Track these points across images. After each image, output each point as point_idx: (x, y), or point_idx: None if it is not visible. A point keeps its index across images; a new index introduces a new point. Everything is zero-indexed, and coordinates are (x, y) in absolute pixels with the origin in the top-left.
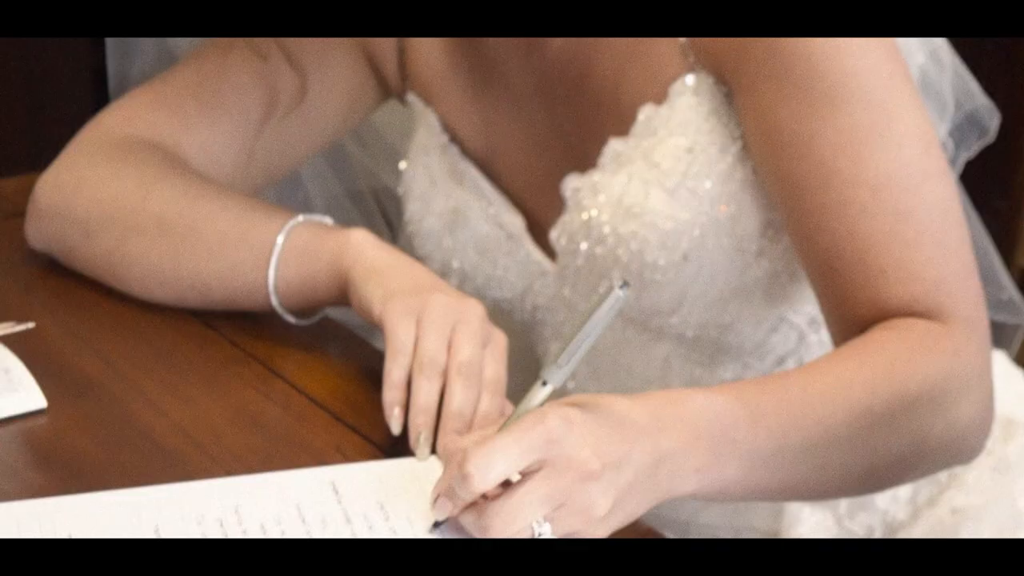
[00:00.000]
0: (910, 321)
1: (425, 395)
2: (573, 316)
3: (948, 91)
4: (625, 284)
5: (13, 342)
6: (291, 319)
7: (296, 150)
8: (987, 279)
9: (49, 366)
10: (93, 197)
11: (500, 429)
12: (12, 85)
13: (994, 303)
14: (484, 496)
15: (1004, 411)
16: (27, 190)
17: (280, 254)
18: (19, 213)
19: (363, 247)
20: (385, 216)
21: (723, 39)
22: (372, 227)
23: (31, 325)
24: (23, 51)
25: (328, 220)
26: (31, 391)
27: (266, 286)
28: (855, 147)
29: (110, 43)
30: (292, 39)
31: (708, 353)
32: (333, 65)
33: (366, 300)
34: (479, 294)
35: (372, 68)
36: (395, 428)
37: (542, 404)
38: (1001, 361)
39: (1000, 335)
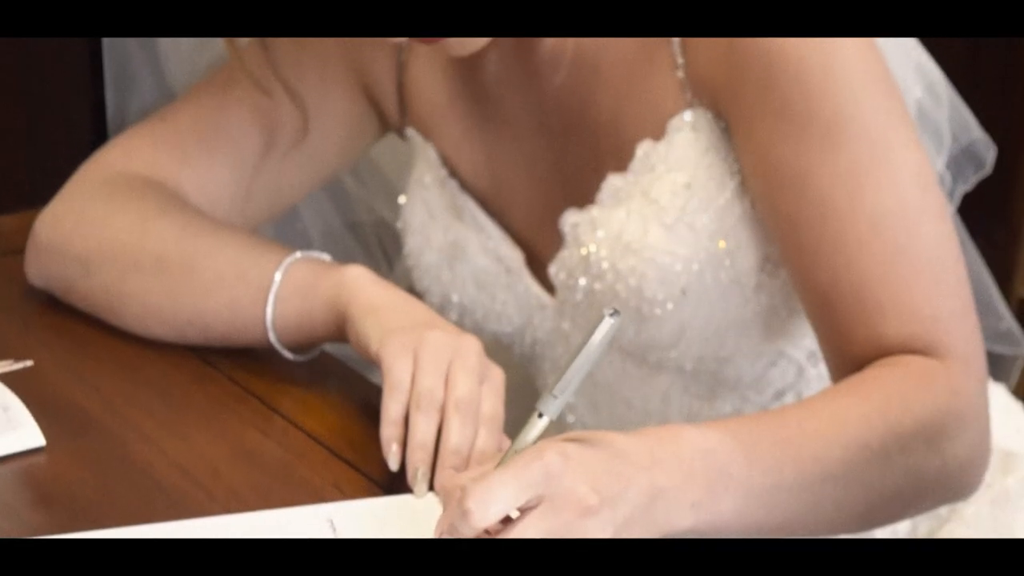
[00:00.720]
0: (907, 358)
1: (422, 431)
2: (572, 350)
3: (945, 125)
4: (615, 312)
5: (12, 380)
6: (289, 355)
7: (295, 187)
8: (985, 309)
9: (48, 404)
10: (92, 234)
11: (498, 465)
12: (10, 121)
13: (992, 334)
14: (485, 532)
15: (1003, 444)
16: (26, 227)
17: (278, 291)
18: (18, 250)
19: (361, 283)
20: (382, 247)
21: (721, 74)
22: (369, 258)
23: (29, 363)
24: (22, 87)
25: (326, 257)
26: (30, 429)
27: (264, 322)
28: (853, 183)
29: (109, 78)
30: (292, 73)
31: (707, 386)
32: (333, 100)
33: (364, 337)
34: (478, 328)
35: (371, 103)
36: (393, 464)
37: (539, 436)
38: (1000, 394)
39: (998, 367)
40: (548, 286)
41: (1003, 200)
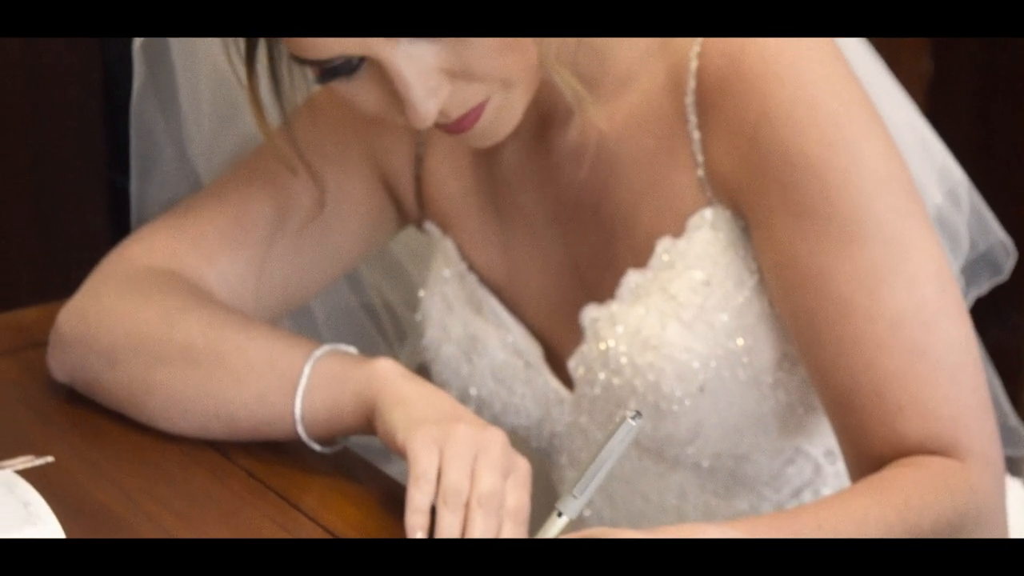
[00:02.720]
0: (927, 458)
1: (448, 526)
2: (590, 444)
3: (964, 231)
4: (637, 414)
5: (33, 475)
6: (316, 447)
7: (314, 278)
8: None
9: (68, 499)
10: (117, 327)
11: None
12: (28, 212)
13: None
14: None
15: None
16: (48, 319)
17: (307, 383)
18: (40, 343)
19: (389, 376)
20: (382, 331)
21: (741, 173)
22: (377, 341)
23: (51, 459)
24: (35, 179)
25: (352, 350)
26: (50, 524)
27: (293, 414)
28: (873, 283)
29: (134, 155)
30: (314, 159)
31: (724, 484)
32: (352, 190)
33: (390, 428)
34: (496, 421)
35: (390, 195)
36: None
37: (557, 534)
38: (1017, 489)
39: (1011, 464)
40: (566, 380)
41: (1018, 288)
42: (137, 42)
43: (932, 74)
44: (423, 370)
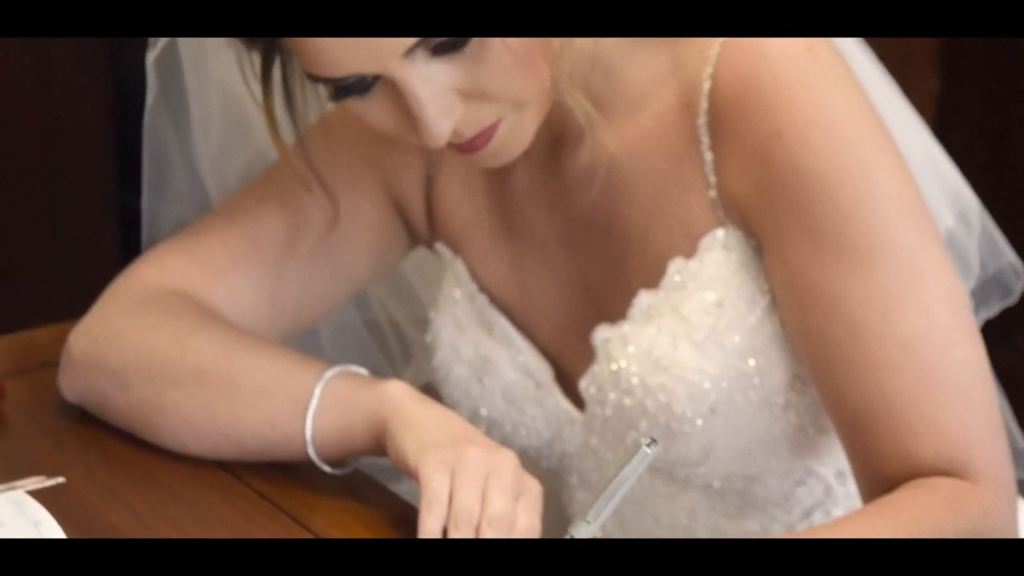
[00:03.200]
0: (938, 480)
1: None
2: (600, 465)
3: (974, 254)
4: (653, 442)
5: (44, 496)
6: (327, 469)
7: (324, 298)
8: None
9: (78, 519)
10: (129, 349)
11: None
12: (37, 231)
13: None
14: None
15: None
16: (59, 340)
17: (317, 405)
18: (51, 364)
19: (400, 398)
20: (387, 349)
21: (754, 194)
22: (374, 359)
23: (62, 480)
24: (48, 196)
25: (363, 371)
26: None
27: (303, 436)
28: (885, 304)
29: (147, 182)
30: (326, 172)
31: (734, 504)
32: (363, 210)
33: (402, 451)
34: (507, 441)
35: (400, 216)
36: None
37: None
38: None
39: (1021, 487)
40: (577, 400)
41: None
42: (150, 57)
43: (939, 92)
44: (429, 389)
